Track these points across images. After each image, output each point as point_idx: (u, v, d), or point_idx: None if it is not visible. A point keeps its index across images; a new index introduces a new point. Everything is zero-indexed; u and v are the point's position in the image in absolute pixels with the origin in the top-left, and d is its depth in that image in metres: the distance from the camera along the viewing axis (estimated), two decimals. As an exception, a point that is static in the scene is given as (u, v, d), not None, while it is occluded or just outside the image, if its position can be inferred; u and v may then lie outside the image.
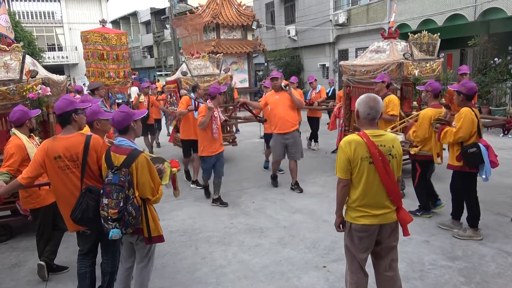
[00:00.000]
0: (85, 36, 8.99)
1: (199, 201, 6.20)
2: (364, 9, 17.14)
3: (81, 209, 2.98)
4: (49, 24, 33.58)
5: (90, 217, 2.98)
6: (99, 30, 9.14)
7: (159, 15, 40.20)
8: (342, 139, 2.86)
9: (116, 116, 3.03)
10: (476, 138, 4.24)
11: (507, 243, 4.29)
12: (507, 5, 11.35)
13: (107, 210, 2.82)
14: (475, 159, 4.17)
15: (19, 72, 4.80)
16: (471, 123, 4.16)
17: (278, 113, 6.25)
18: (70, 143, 3.11)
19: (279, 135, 6.30)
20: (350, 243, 2.88)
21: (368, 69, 6.49)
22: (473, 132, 4.21)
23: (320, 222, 5.10)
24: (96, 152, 3.14)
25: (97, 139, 3.20)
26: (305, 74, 20.60)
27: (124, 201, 2.81)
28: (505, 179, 6.54)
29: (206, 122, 5.59)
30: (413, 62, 6.24)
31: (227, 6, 19.17)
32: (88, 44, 8.93)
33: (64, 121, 3.20)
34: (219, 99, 5.84)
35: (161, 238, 3.12)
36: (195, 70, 7.96)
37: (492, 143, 7.17)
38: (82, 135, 3.19)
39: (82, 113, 3.34)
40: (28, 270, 4.20)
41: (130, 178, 2.87)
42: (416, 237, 4.43)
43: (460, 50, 14.84)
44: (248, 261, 4.20)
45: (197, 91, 6.65)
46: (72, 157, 3.10)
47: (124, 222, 2.82)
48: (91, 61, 8.94)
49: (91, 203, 2.98)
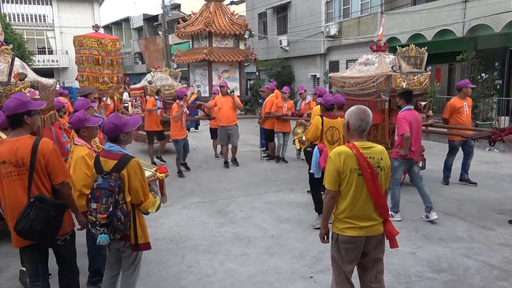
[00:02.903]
0: (80, 40, 8.95)
1: (186, 208, 6.16)
2: (355, 22, 17.37)
3: (29, 219, 2.74)
4: (40, 27, 33.42)
5: (38, 229, 2.76)
6: (94, 35, 9.11)
7: (152, 21, 40.20)
8: (331, 151, 2.87)
9: (106, 127, 2.97)
10: (319, 141, 5.21)
11: (492, 257, 4.33)
12: (495, 22, 11.60)
13: (95, 215, 2.75)
14: (308, 156, 5.35)
15: (8, 75, 4.74)
16: (316, 129, 5.18)
17: (223, 111, 8.67)
18: (16, 147, 2.82)
19: (224, 127, 8.72)
20: (337, 254, 2.87)
21: (357, 81, 6.56)
22: (317, 137, 5.20)
23: (307, 232, 5.10)
24: (44, 158, 2.85)
25: (47, 143, 2.91)
26: (296, 84, 20.70)
27: (113, 206, 2.76)
28: (491, 193, 6.62)
29: (179, 115, 7.77)
30: (401, 75, 6.33)
31: (220, 14, 19.25)
32: (83, 49, 8.89)
33: (14, 123, 2.90)
34: (185, 99, 8.14)
35: (147, 246, 3.07)
36: (158, 81, 10.39)
37: (478, 157, 7.33)
38: (30, 138, 2.89)
39: (35, 114, 3.02)
40: (9, 276, 4.11)
41: (120, 183, 2.82)
42: (402, 248, 4.45)
43: (449, 64, 15.11)
44: (234, 270, 4.17)
45: (160, 94, 9.13)
46: (18, 162, 2.81)
47: (113, 227, 2.77)
48: (86, 65, 8.90)
49: (41, 214, 2.76)
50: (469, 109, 6.82)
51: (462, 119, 6.73)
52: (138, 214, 3.03)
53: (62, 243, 3.08)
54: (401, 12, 14.98)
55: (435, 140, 11.81)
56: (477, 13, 12.06)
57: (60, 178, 2.95)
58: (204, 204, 6.35)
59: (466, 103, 6.77)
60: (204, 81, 19.22)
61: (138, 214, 3.03)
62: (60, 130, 5.29)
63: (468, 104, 6.82)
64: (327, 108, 5.33)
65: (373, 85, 6.33)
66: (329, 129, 5.18)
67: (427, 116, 6.95)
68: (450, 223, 5.32)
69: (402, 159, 5.35)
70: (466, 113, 6.75)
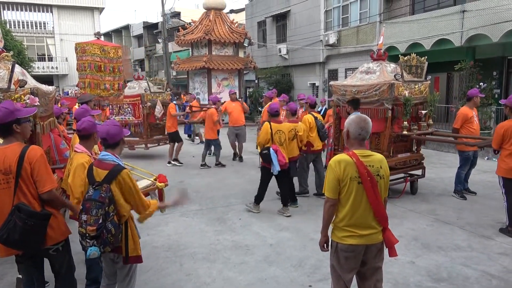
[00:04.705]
0: (83, 47, 9.00)
1: (185, 216, 6.13)
2: (354, 31, 17.48)
3: (8, 228, 2.69)
4: (40, 34, 33.52)
5: (16, 238, 2.70)
6: (97, 42, 9.18)
7: (152, 29, 40.38)
8: (331, 159, 2.87)
9: (112, 130, 2.89)
10: (270, 143, 5.94)
11: (491, 266, 4.32)
12: (493, 32, 11.70)
13: (85, 227, 2.67)
14: (266, 157, 5.92)
15: (8, 81, 4.75)
16: (267, 133, 5.98)
17: (234, 114, 10.12)
18: (5, 155, 2.81)
19: (233, 127, 10.14)
20: (336, 263, 2.86)
21: (359, 89, 6.57)
22: (267, 140, 5.95)
23: (306, 240, 5.08)
24: (30, 165, 2.80)
25: (35, 150, 2.87)
26: (295, 92, 20.76)
27: (103, 218, 2.67)
28: (489, 201, 6.62)
29: (219, 119, 9.56)
30: (403, 83, 6.37)
31: (220, 23, 19.37)
32: (86, 56, 8.95)
33: (4, 132, 2.89)
34: (218, 105, 9.77)
35: (138, 259, 2.98)
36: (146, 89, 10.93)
37: (477, 166, 7.33)
38: (19, 145, 2.87)
39: (25, 122, 2.99)
40: (6, 283, 4.07)
41: (111, 195, 2.74)
42: (401, 258, 4.43)
43: (447, 73, 15.20)
44: (233, 278, 4.14)
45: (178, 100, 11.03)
46: (6, 170, 2.78)
47: (103, 240, 2.68)
48: (88, 72, 8.94)
49: (18, 223, 2.69)
50: (477, 119, 6.79)
51: (474, 129, 6.58)
52: (131, 226, 2.95)
53: (54, 253, 3.03)
54: (400, 22, 15.09)
55: (434, 149, 11.84)
56: (475, 23, 12.16)
57: (47, 187, 2.87)
58: (203, 212, 6.33)
59: (474, 112, 6.73)
60: (204, 89, 19.28)
61: (131, 226, 2.95)
62: (59, 137, 5.28)
63: (475, 113, 6.80)
64: (273, 114, 6.19)
65: (376, 94, 6.35)
66: (277, 132, 6.02)
67: (428, 124, 6.96)
68: (449, 232, 5.31)
69: None
70: (476, 122, 6.66)
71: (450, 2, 13.94)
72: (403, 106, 6.42)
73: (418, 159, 7.08)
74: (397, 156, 6.69)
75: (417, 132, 6.78)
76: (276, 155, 5.84)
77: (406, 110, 6.44)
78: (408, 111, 6.46)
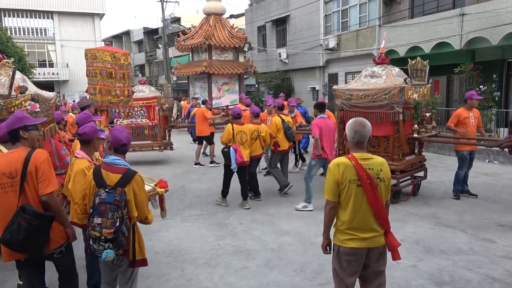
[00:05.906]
0: (94, 53, 9.01)
1: (186, 221, 6.12)
2: (353, 35, 17.53)
3: (11, 230, 2.73)
4: (41, 41, 33.61)
5: (20, 239, 2.74)
6: (107, 49, 9.21)
7: (152, 34, 40.57)
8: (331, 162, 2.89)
9: (128, 136, 3.06)
10: (230, 142, 6.52)
11: (494, 269, 4.30)
12: (492, 35, 11.72)
13: (100, 230, 2.66)
14: (226, 155, 6.53)
15: (9, 88, 4.77)
16: (229, 133, 6.54)
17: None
18: (11, 159, 2.90)
19: None
20: (338, 266, 2.86)
21: (366, 93, 6.55)
22: (229, 139, 6.53)
23: (308, 245, 5.07)
24: (35, 166, 2.87)
25: (40, 153, 2.95)
26: (295, 96, 20.80)
27: (120, 221, 2.70)
28: (491, 204, 6.60)
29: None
30: (411, 87, 6.41)
31: (220, 28, 19.43)
32: (97, 62, 8.95)
33: (12, 138, 3.02)
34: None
35: (144, 262, 3.02)
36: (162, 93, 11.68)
37: (478, 168, 7.33)
38: (25, 150, 2.95)
39: (33, 129, 3.09)
40: (7, 290, 4.07)
41: (125, 198, 2.79)
42: (403, 261, 4.41)
43: (447, 76, 15.21)
44: (234, 283, 4.13)
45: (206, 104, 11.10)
46: (12, 173, 2.86)
47: (117, 242, 2.70)
48: (99, 78, 8.96)
49: (23, 224, 2.73)
50: (476, 121, 6.82)
51: (468, 130, 6.74)
52: (137, 230, 3.00)
53: (58, 256, 3.07)
54: (399, 25, 15.13)
55: (435, 152, 11.82)
56: (475, 26, 12.19)
57: (49, 189, 2.91)
58: (204, 217, 6.33)
59: (472, 114, 6.81)
60: (204, 94, 19.30)
61: (137, 230, 3.00)
62: (60, 142, 5.29)
63: (475, 115, 6.83)
64: (235, 117, 6.80)
65: (386, 97, 6.34)
66: (238, 133, 6.56)
67: (432, 127, 7.03)
68: (451, 236, 5.29)
69: (317, 158, 6.39)
70: (471, 124, 6.76)
71: (449, 6, 13.98)
72: (414, 109, 6.51)
73: (422, 161, 7.20)
74: (405, 159, 6.74)
75: (426, 134, 6.89)
76: (235, 153, 6.43)
77: (416, 113, 6.53)
78: (419, 114, 6.58)
